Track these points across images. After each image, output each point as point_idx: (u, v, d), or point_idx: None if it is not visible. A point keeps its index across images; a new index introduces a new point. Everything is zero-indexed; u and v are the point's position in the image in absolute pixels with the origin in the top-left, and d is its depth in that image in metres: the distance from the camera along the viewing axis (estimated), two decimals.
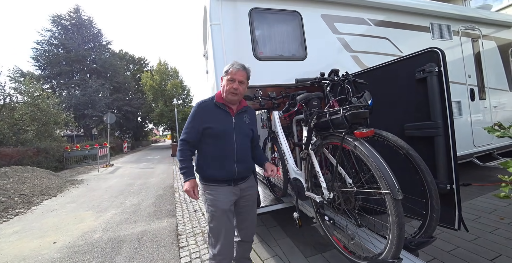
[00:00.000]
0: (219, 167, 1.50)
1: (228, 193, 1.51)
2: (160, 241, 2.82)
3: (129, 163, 11.64)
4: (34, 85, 11.11)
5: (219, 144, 1.50)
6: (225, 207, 1.48)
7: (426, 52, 1.58)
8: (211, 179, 1.51)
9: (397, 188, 0.97)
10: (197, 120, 1.49)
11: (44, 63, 18.54)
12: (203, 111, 1.51)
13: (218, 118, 1.51)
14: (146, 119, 29.18)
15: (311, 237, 2.45)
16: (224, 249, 1.46)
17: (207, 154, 1.52)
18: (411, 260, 1.20)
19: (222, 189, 1.50)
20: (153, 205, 4.30)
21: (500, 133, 0.98)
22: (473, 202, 2.98)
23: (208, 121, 1.49)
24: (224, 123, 1.51)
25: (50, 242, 3.00)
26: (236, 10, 2.45)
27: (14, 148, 8.98)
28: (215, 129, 1.49)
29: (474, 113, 3.80)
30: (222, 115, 1.53)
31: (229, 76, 1.50)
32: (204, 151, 1.53)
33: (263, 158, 1.79)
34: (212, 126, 1.48)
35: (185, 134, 1.51)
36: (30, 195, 5.30)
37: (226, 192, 1.51)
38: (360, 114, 1.15)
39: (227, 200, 1.49)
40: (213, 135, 1.49)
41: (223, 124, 1.51)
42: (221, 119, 1.51)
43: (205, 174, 1.52)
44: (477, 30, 4.01)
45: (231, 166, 1.51)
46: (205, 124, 1.48)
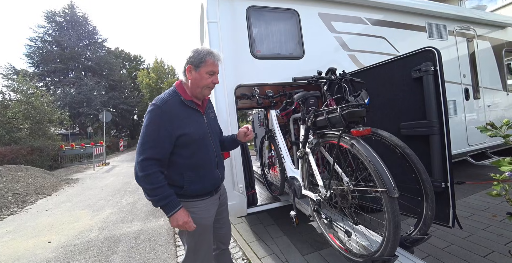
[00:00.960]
0: (202, 179, 1.24)
1: (210, 205, 1.29)
2: (157, 240, 2.81)
3: (125, 162, 11.55)
4: (27, 83, 10.93)
5: (199, 152, 1.22)
6: (209, 223, 1.29)
7: (422, 51, 1.59)
8: (192, 195, 1.22)
9: (393, 186, 0.98)
10: (165, 128, 1.13)
11: (37, 61, 18.27)
12: (170, 114, 1.15)
13: (192, 120, 1.21)
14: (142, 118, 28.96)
15: (308, 235, 2.47)
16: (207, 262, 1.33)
17: (185, 167, 1.20)
18: (407, 257, 1.22)
19: (205, 203, 1.26)
20: (149, 204, 4.28)
21: (492, 132, 1.00)
22: (467, 200, 3.03)
23: (182, 126, 1.16)
24: (199, 126, 1.24)
25: (45, 241, 2.97)
26: (233, 8, 2.43)
27: (8, 146, 8.85)
28: (191, 135, 1.19)
29: (468, 113, 3.85)
30: (194, 116, 1.24)
31: (207, 68, 1.20)
32: (178, 164, 1.19)
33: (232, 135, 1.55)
34: (188, 132, 1.17)
35: (150, 149, 1.11)
36: (24, 194, 5.23)
37: (209, 205, 1.28)
38: (357, 113, 1.16)
39: (210, 214, 1.29)
40: (190, 143, 1.19)
41: (199, 127, 1.23)
42: (195, 121, 1.23)
43: (187, 191, 1.20)
44: (472, 30, 4.06)
45: (213, 174, 1.29)
46: (179, 131, 1.15)
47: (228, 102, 2.26)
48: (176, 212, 1.13)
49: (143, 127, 1.15)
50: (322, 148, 1.57)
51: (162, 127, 1.13)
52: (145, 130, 1.14)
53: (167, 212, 1.13)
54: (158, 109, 1.14)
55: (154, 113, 1.14)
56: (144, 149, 1.11)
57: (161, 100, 1.17)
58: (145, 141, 1.13)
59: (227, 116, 2.24)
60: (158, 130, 1.13)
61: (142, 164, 1.10)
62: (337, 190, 1.31)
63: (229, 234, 1.58)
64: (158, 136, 1.12)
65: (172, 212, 1.12)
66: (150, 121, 1.14)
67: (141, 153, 1.12)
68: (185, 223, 1.14)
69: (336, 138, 1.27)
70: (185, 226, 1.15)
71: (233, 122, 2.29)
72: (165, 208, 1.13)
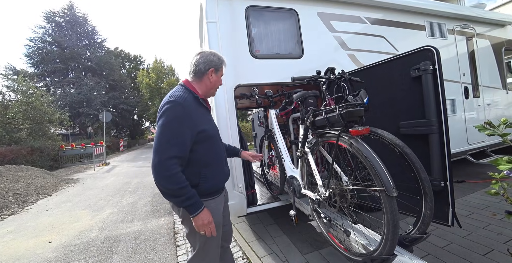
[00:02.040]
0: (216, 175, 1.27)
1: (220, 204, 1.31)
2: (157, 240, 2.82)
3: (125, 162, 11.57)
4: (27, 83, 10.93)
5: (214, 147, 1.27)
6: (220, 222, 1.30)
7: (421, 50, 1.59)
8: (205, 193, 1.21)
9: (392, 185, 0.98)
10: (188, 124, 1.12)
11: (37, 61, 18.27)
12: (190, 111, 1.16)
13: (205, 117, 1.26)
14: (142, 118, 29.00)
15: (308, 234, 2.48)
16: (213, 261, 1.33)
17: (201, 164, 1.20)
18: (406, 256, 1.22)
19: (215, 202, 1.26)
20: (150, 204, 4.29)
21: (490, 131, 1.00)
22: (467, 198, 3.03)
23: (201, 122, 1.19)
24: (211, 123, 1.31)
25: (46, 241, 2.98)
26: (232, 8, 2.43)
27: (8, 146, 8.86)
28: (208, 131, 1.22)
29: (468, 111, 3.85)
30: (206, 114, 1.29)
31: (221, 73, 1.34)
32: (197, 160, 1.19)
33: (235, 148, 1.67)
34: (205, 129, 1.21)
35: (174, 147, 1.07)
36: (25, 194, 5.24)
37: (219, 204, 1.30)
38: (356, 112, 1.16)
39: (220, 212, 1.31)
40: (206, 139, 1.22)
41: (212, 124, 1.30)
42: (208, 118, 1.29)
43: (201, 189, 1.19)
44: (472, 29, 4.05)
45: (224, 170, 1.34)
46: (199, 127, 1.17)
47: (228, 102, 2.26)
48: (201, 211, 1.11)
49: (163, 125, 1.10)
50: (321, 148, 1.57)
51: (184, 124, 1.11)
52: (167, 128, 1.09)
53: (192, 212, 1.10)
54: (179, 106, 1.12)
55: (175, 110, 1.11)
56: (168, 147, 1.07)
57: (180, 98, 1.15)
58: (167, 139, 1.08)
59: (226, 116, 2.24)
60: (181, 127, 1.10)
61: (166, 163, 1.05)
62: (336, 189, 1.31)
63: (231, 232, 1.59)
64: (181, 133, 1.10)
65: (198, 212, 1.10)
66: (172, 118, 1.10)
67: (164, 151, 1.06)
68: (209, 223, 1.13)
69: (335, 138, 1.27)
70: (209, 225, 1.13)
71: (233, 122, 2.29)
72: (190, 208, 1.10)
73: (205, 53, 1.30)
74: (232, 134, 2.26)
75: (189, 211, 1.10)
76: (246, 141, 2.57)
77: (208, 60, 1.27)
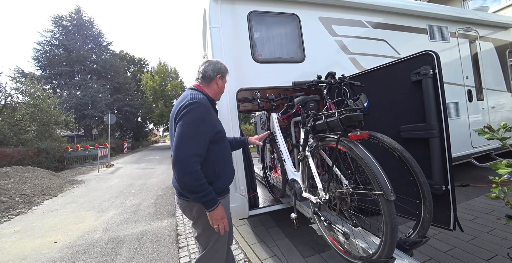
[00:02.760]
0: (227, 173, 1.35)
1: (227, 202, 1.39)
2: (160, 241, 2.85)
3: (129, 163, 11.67)
4: (35, 86, 11.16)
5: (225, 147, 1.38)
6: (230, 220, 1.37)
7: (421, 55, 1.61)
8: (218, 191, 1.26)
9: (390, 189, 1.00)
10: (209, 125, 1.21)
11: (45, 64, 18.64)
12: (210, 113, 1.25)
13: (218, 119, 1.38)
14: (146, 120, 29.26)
15: (310, 237, 2.48)
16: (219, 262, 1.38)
17: (216, 163, 1.28)
18: (406, 260, 1.23)
19: (225, 200, 1.34)
20: (153, 206, 4.33)
21: (489, 135, 1.01)
22: (471, 202, 3.00)
23: (217, 123, 1.31)
24: (222, 124, 1.40)
25: (51, 241, 3.03)
26: (235, 13, 2.48)
27: (15, 148, 9.03)
28: (222, 131, 1.34)
29: (472, 114, 3.83)
30: (217, 115, 1.41)
31: (225, 79, 1.46)
32: (212, 160, 1.25)
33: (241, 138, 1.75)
34: (221, 129, 1.32)
35: (197, 145, 1.14)
36: (31, 195, 5.33)
37: (227, 202, 1.37)
38: (354, 117, 1.18)
39: (228, 211, 1.36)
40: (220, 139, 1.32)
41: (222, 125, 1.40)
42: (219, 120, 1.40)
43: (216, 186, 1.25)
44: (475, 32, 4.04)
45: (232, 168, 1.42)
46: (217, 128, 1.28)
47: (230, 106, 2.30)
48: (217, 206, 1.17)
49: (188, 124, 1.15)
50: (322, 151, 1.59)
51: (205, 124, 1.19)
52: (192, 127, 1.14)
53: (209, 207, 1.16)
54: (202, 107, 1.19)
55: (199, 110, 1.17)
56: (191, 145, 1.12)
57: (202, 99, 1.22)
58: (192, 137, 1.13)
59: (229, 119, 2.28)
60: (203, 127, 1.18)
61: (190, 160, 1.11)
62: (336, 193, 1.33)
63: (232, 233, 1.62)
64: (203, 133, 1.17)
65: (214, 207, 1.16)
66: (196, 118, 1.16)
67: (187, 149, 1.12)
68: (223, 218, 1.19)
69: (334, 142, 1.29)
70: (223, 220, 1.19)
71: (235, 125, 2.33)
72: (207, 204, 1.16)
73: (213, 61, 1.42)
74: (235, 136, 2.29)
75: (207, 206, 1.16)
76: None
77: (216, 67, 1.40)
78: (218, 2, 2.42)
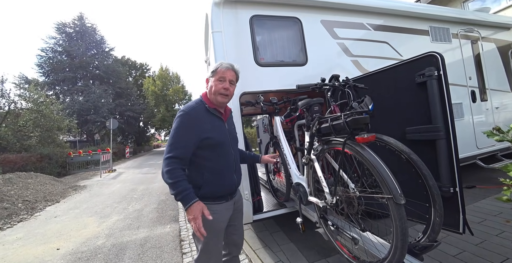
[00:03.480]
0: (220, 181, 1.33)
1: (225, 210, 1.36)
2: (163, 247, 2.82)
3: (131, 168, 11.67)
4: (38, 92, 11.26)
5: (219, 155, 1.34)
6: (222, 227, 1.35)
7: (426, 56, 1.59)
8: (208, 197, 1.29)
9: (399, 193, 0.98)
10: (191, 131, 1.26)
11: (48, 70, 18.84)
12: (196, 120, 1.29)
13: (214, 125, 1.34)
14: (148, 125, 29.37)
15: (315, 241, 2.44)
16: None
17: (204, 169, 1.31)
18: None
19: (219, 207, 1.32)
20: (155, 211, 4.30)
21: (499, 137, 0.99)
22: (478, 204, 2.95)
23: (206, 130, 1.29)
24: (220, 131, 1.37)
25: (54, 248, 3.01)
26: (237, 18, 2.49)
27: (18, 154, 9.06)
28: (214, 139, 1.31)
29: (476, 115, 3.80)
30: (217, 123, 1.36)
31: (218, 76, 1.35)
32: (199, 165, 1.30)
33: (255, 155, 1.80)
34: (211, 136, 1.30)
35: (176, 149, 1.23)
36: (34, 201, 5.32)
37: (223, 210, 1.35)
38: (361, 120, 1.16)
39: (223, 219, 1.35)
40: (211, 146, 1.31)
41: (220, 133, 1.36)
42: (217, 127, 1.35)
43: (203, 192, 1.29)
44: (476, 32, 4.04)
45: (231, 178, 1.39)
46: (204, 135, 1.28)
47: (233, 109, 2.28)
48: (191, 205, 1.18)
49: (172, 131, 1.29)
50: (327, 154, 1.57)
51: (188, 131, 1.27)
52: (173, 133, 1.27)
53: (184, 205, 1.20)
54: (186, 115, 1.29)
55: (182, 118, 1.28)
56: (171, 149, 1.24)
57: (188, 108, 1.33)
58: (172, 142, 1.26)
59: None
60: (184, 133, 1.26)
61: (166, 161, 1.23)
62: (343, 197, 1.31)
63: (242, 241, 1.59)
64: (183, 138, 1.26)
65: (188, 205, 1.19)
66: (178, 125, 1.27)
67: (167, 152, 1.25)
68: (195, 218, 1.18)
69: (340, 145, 1.27)
70: (195, 221, 1.18)
71: (238, 128, 2.31)
72: (182, 201, 1.20)
73: None
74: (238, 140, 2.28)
75: (182, 203, 1.21)
76: (251, 147, 2.58)
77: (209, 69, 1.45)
78: (220, 7, 2.44)
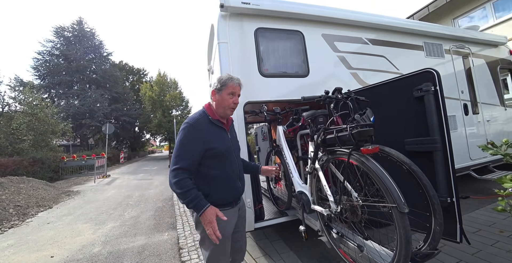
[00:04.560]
0: (226, 189, 1.38)
1: (231, 216, 1.40)
2: (162, 255, 2.78)
3: (126, 174, 11.49)
4: (33, 95, 11.14)
5: (224, 164, 1.39)
6: (229, 233, 1.39)
7: (423, 72, 1.70)
8: (215, 204, 1.32)
9: (403, 202, 1.03)
10: (196, 143, 1.30)
11: (44, 73, 18.71)
12: (200, 131, 1.33)
13: (218, 136, 1.39)
14: (143, 130, 29.09)
15: (315, 250, 2.46)
16: None
17: (210, 178, 1.35)
18: None
19: (226, 213, 1.34)
20: (152, 218, 4.25)
21: (493, 151, 1.07)
22: (473, 215, 3.02)
23: (210, 141, 1.34)
24: (224, 142, 1.41)
25: (48, 256, 2.93)
26: (242, 29, 2.60)
27: (10, 157, 8.86)
28: (218, 149, 1.35)
29: (468, 127, 3.94)
30: (220, 133, 1.41)
31: (229, 90, 1.40)
32: (205, 174, 1.35)
33: (255, 165, 1.81)
34: (215, 146, 1.34)
35: (183, 160, 1.27)
36: (25, 206, 5.19)
37: (230, 215, 1.38)
38: (366, 132, 1.23)
39: (230, 224, 1.40)
40: (216, 156, 1.35)
41: (223, 142, 1.40)
42: (220, 138, 1.40)
43: (210, 200, 1.31)
44: (467, 49, 4.26)
45: (236, 185, 1.44)
46: (208, 146, 1.32)
47: (237, 118, 2.35)
48: (204, 211, 1.23)
49: (177, 142, 1.33)
50: (331, 164, 1.63)
51: (193, 142, 1.31)
52: (179, 145, 1.31)
53: (197, 211, 1.24)
54: (190, 127, 1.33)
55: (186, 130, 1.32)
56: (177, 160, 1.28)
57: (192, 120, 1.36)
58: (178, 154, 1.29)
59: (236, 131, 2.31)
60: (189, 144, 1.30)
61: (174, 172, 1.26)
62: (347, 205, 1.35)
63: (245, 248, 1.61)
64: (189, 149, 1.30)
65: (201, 212, 1.23)
66: (183, 137, 1.31)
67: (174, 163, 1.28)
68: (210, 223, 1.22)
69: (345, 155, 1.33)
70: (210, 225, 1.23)
71: (242, 136, 2.37)
72: (195, 208, 1.25)
73: (214, 79, 1.49)
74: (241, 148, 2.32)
75: (195, 210, 1.26)
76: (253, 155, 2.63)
77: (213, 84, 1.47)
78: (226, 19, 2.55)
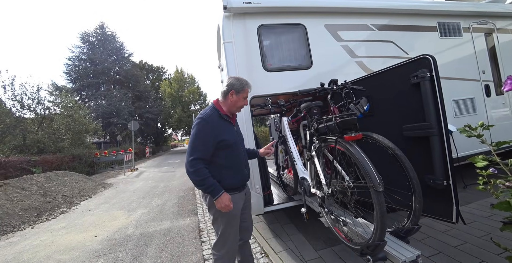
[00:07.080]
0: (235, 175, 1.59)
1: (239, 199, 1.61)
2: (185, 236, 3.14)
3: (151, 167, 12.38)
4: (68, 98, 12.29)
5: (233, 154, 1.58)
6: (238, 213, 1.60)
7: (419, 59, 1.72)
8: (226, 189, 1.51)
9: (379, 182, 1.16)
10: (210, 135, 1.48)
11: (75, 77, 20.34)
12: (213, 125, 1.51)
13: (227, 129, 1.58)
14: (165, 125, 30.56)
15: (322, 233, 2.63)
16: (232, 248, 1.61)
17: (222, 166, 1.54)
18: (403, 246, 1.37)
19: (234, 197, 1.56)
20: (176, 205, 4.69)
21: (467, 133, 1.13)
22: (489, 200, 2.97)
23: (221, 134, 1.52)
24: (232, 134, 1.61)
25: (92, 235, 3.45)
26: (245, 28, 2.72)
27: (54, 155, 10.01)
28: (229, 140, 1.54)
29: (491, 109, 3.73)
30: (228, 127, 1.60)
31: (244, 94, 1.63)
32: (218, 163, 1.53)
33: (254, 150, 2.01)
34: (227, 138, 1.53)
35: (199, 151, 1.45)
36: (71, 196, 5.97)
37: (238, 199, 1.60)
38: (349, 121, 1.35)
39: (238, 206, 1.60)
40: (227, 147, 1.53)
41: (232, 135, 1.60)
42: (229, 130, 1.59)
43: (223, 185, 1.51)
44: (491, 24, 3.94)
45: (244, 173, 1.66)
46: (219, 138, 1.50)
47: (244, 112, 2.54)
48: (219, 196, 1.45)
49: (193, 135, 1.50)
50: (326, 151, 1.77)
51: (207, 135, 1.48)
52: (194, 138, 1.49)
53: (213, 196, 1.46)
54: (204, 122, 1.51)
55: (201, 124, 1.50)
56: (194, 151, 1.46)
57: (206, 115, 1.54)
58: (194, 145, 1.47)
59: (243, 125, 2.51)
60: (204, 137, 1.48)
61: (191, 162, 1.44)
62: (338, 187, 1.50)
63: (251, 228, 1.86)
64: (204, 141, 1.47)
65: (217, 196, 1.45)
66: (198, 130, 1.49)
67: (191, 154, 1.46)
68: (226, 206, 1.45)
69: (334, 142, 1.47)
70: (226, 208, 1.46)
71: (249, 129, 2.56)
72: (211, 193, 1.46)
73: (231, 79, 1.65)
74: (249, 139, 2.52)
75: (212, 195, 1.47)
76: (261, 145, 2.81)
77: (230, 84, 1.61)
78: (230, 19, 2.69)
